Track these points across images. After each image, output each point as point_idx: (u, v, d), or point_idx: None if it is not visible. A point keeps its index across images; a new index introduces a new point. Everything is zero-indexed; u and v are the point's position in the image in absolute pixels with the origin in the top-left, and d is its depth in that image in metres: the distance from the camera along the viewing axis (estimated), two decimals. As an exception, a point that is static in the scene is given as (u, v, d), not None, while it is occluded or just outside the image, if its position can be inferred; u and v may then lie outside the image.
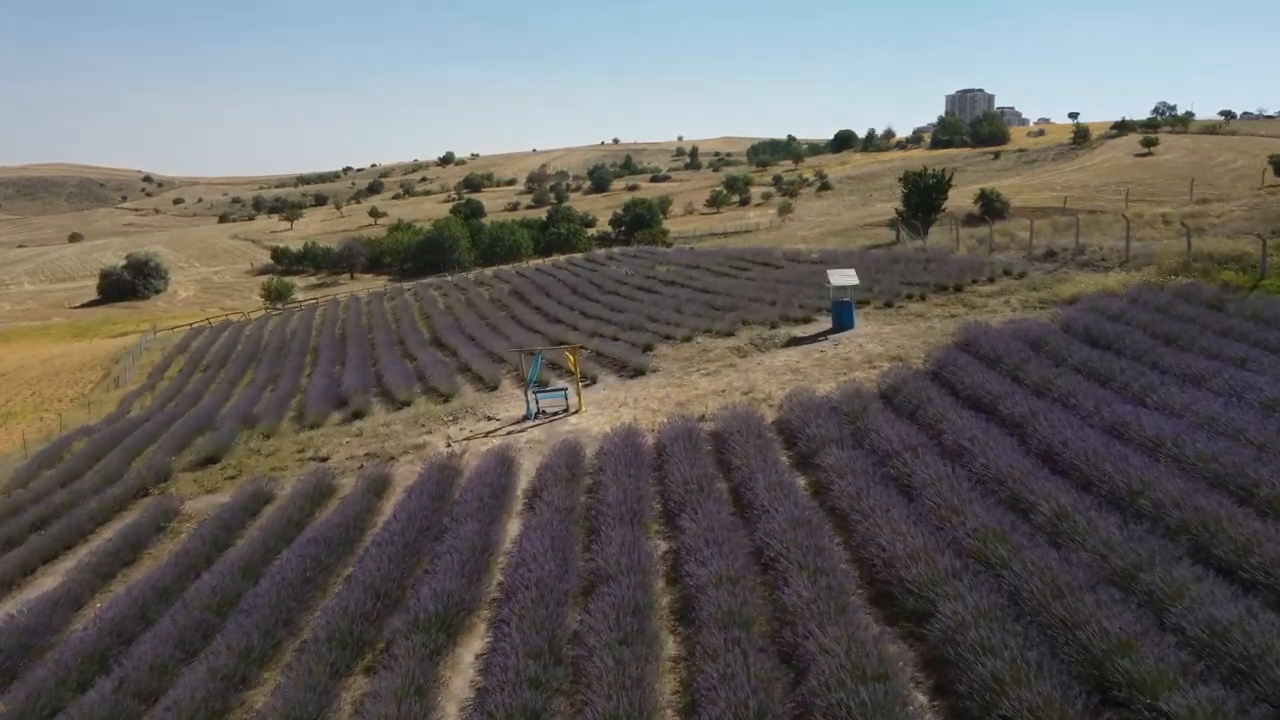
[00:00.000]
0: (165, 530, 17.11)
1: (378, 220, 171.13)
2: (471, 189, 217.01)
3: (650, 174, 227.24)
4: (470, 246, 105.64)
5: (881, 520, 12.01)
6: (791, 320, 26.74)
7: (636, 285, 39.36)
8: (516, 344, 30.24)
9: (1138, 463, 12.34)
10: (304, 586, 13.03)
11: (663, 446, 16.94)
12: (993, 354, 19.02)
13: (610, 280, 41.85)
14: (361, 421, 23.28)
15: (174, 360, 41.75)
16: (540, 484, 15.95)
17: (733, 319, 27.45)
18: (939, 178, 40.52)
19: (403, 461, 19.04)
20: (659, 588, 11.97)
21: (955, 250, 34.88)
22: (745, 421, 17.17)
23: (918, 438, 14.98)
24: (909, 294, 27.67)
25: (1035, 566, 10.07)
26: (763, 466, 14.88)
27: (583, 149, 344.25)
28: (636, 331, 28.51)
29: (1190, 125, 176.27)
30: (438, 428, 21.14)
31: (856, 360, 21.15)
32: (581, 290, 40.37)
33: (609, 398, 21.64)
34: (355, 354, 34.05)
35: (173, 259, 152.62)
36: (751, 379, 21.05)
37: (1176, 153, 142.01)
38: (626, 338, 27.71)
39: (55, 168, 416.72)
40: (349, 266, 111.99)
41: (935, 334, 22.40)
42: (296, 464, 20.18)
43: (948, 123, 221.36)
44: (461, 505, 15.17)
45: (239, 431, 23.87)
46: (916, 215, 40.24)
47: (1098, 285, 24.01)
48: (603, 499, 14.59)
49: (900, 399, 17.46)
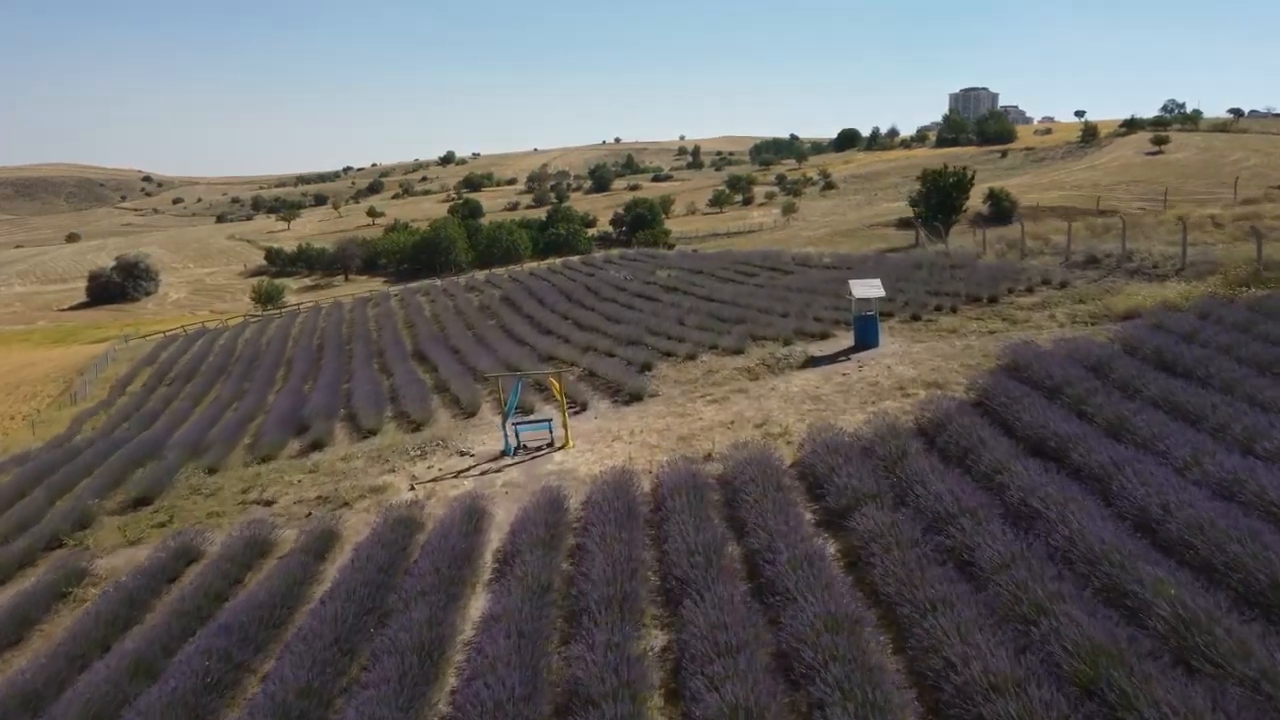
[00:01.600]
0: (68, 598, 14.31)
1: (375, 220, 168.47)
2: (471, 189, 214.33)
3: (652, 173, 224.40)
4: (468, 248, 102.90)
5: (945, 620, 9.19)
6: (807, 336, 23.91)
7: (635, 292, 36.55)
8: (503, 358, 27.46)
9: (1274, 541, 9.53)
10: (206, 696, 10.24)
11: (662, 497, 14.14)
12: (1049, 381, 16.20)
13: (608, 286, 39.03)
14: (320, 454, 20.47)
15: (139, 373, 38.93)
16: (513, 546, 13.15)
17: (741, 333, 24.62)
18: (960, 176, 37.43)
19: (357, 509, 16.23)
20: (654, 708, 9.19)
21: (982, 255, 32.02)
22: (760, 465, 14.37)
23: (975, 495, 12.15)
24: (938, 305, 24.83)
25: (1175, 711, 7.27)
26: (783, 528, 12.08)
27: (584, 148, 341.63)
28: (634, 347, 25.71)
29: (1200, 123, 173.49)
30: (403, 465, 18.33)
31: (886, 386, 18.33)
32: (576, 297, 37.56)
33: (601, 429, 18.82)
34: (329, 368, 31.25)
35: (167, 260, 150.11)
36: (765, 408, 18.22)
37: (1188, 151, 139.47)
38: (623, 354, 24.91)
39: (55, 168, 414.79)
40: (344, 268, 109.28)
41: (974, 354, 19.57)
42: (237, 509, 17.38)
43: (953, 121, 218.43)
44: (416, 576, 12.38)
45: (183, 464, 21.08)
46: (936, 216, 37.26)
47: (1155, 297, 21.18)
48: (588, 571, 11.80)
49: (945, 439, 14.63)
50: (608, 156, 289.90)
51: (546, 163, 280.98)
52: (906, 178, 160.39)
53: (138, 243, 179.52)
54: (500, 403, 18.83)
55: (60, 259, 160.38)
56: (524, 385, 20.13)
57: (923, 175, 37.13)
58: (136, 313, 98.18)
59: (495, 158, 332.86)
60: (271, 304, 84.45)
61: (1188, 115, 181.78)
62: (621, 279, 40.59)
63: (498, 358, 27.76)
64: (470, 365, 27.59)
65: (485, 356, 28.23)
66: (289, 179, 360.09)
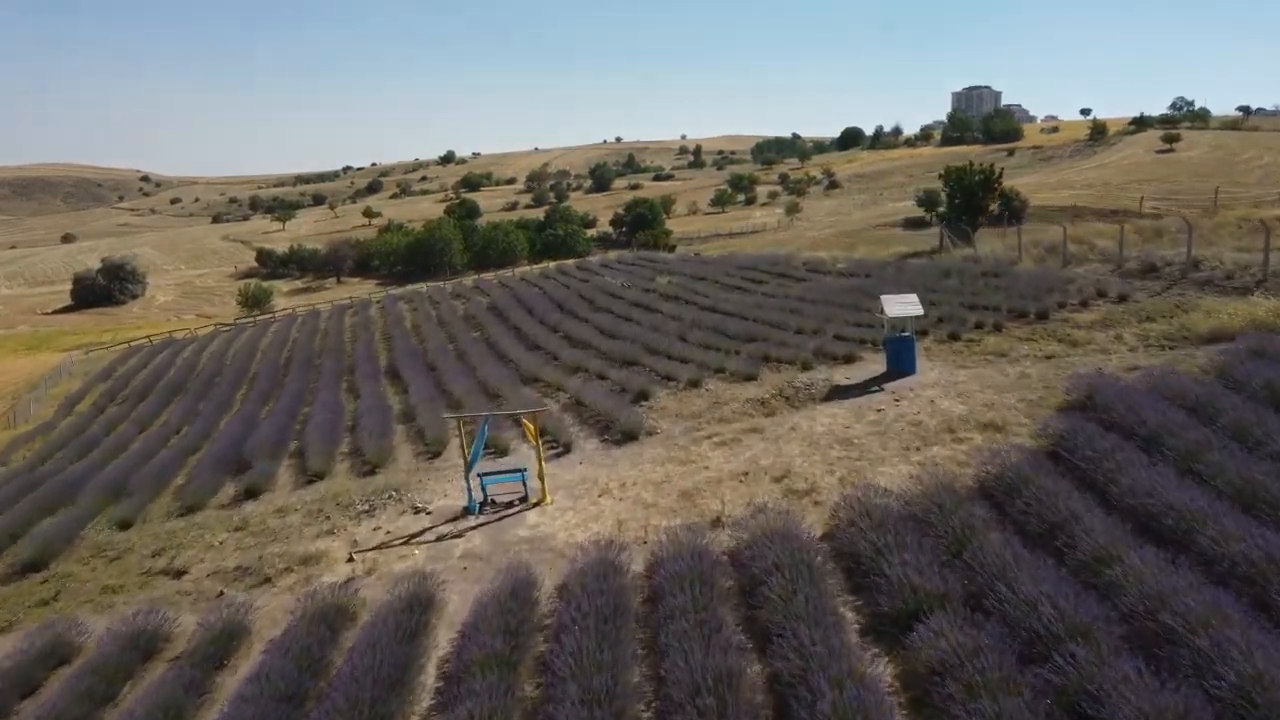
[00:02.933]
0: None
1: (372, 221, 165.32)
2: (470, 188, 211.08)
3: (653, 173, 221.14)
4: (463, 249, 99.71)
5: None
6: (829, 358, 20.62)
7: (633, 301, 33.34)
8: (482, 379, 24.28)
9: None
10: None
11: (659, 585, 10.96)
12: (1140, 427, 12.97)
13: (603, 294, 35.82)
14: (254, 503, 17.25)
15: (91, 390, 35.66)
16: (463, 660, 9.96)
17: (752, 354, 21.37)
18: (986, 174, 34.01)
19: (280, 586, 13.03)
20: None
21: (1018, 261, 28.72)
22: (784, 541, 11.17)
23: (1082, 602, 8.93)
24: (979, 322, 21.53)
25: None
26: (821, 644, 8.88)
27: (585, 147, 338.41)
28: (629, 369, 22.51)
29: (1210, 122, 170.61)
30: (345, 524, 15.10)
31: (932, 427, 15.10)
32: (569, 307, 34.34)
33: (586, 479, 15.60)
34: (291, 389, 28.04)
35: (159, 261, 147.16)
36: (785, 454, 15.00)
37: (1200, 149, 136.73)
38: (616, 377, 21.69)
39: (53, 168, 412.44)
40: (335, 270, 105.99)
41: (1034, 385, 16.34)
42: (140, 580, 14.18)
43: (958, 119, 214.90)
44: (330, 705, 9.20)
45: (97, 514, 17.89)
46: (959, 217, 33.95)
47: (1242, 316, 17.94)
48: (555, 713, 8.62)
49: (1021, 507, 11.42)
50: (609, 156, 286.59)
51: (547, 162, 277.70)
52: (912, 177, 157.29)
53: (131, 244, 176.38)
54: (467, 442, 15.60)
55: (51, 260, 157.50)
56: (487, 434, 16.88)
57: (945, 172, 33.84)
58: (121, 316, 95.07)
59: (495, 157, 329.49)
60: (259, 308, 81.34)
61: (1197, 113, 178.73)
62: (618, 286, 37.42)
63: (476, 378, 24.56)
64: (445, 388, 24.37)
65: (463, 377, 25.02)
66: (288, 179, 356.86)
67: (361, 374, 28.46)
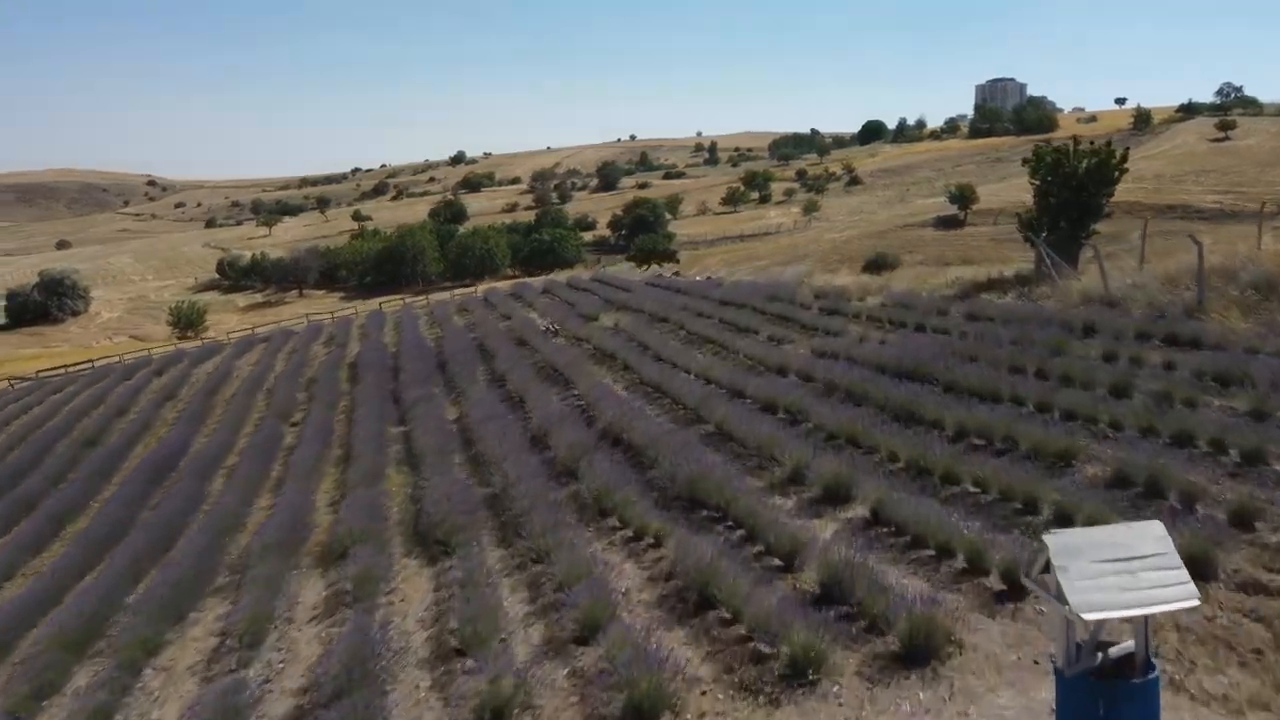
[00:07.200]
0: None
1: (362, 225, 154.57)
2: (470, 189, 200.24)
3: (664, 171, 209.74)
4: (438, 257, 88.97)
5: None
6: (858, 632, 8.75)
7: (536, 364, 21.93)
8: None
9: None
10: None
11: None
12: None
13: (510, 342, 24.50)
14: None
15: None
16: None
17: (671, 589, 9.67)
18: (1104, 156, 21.42)
19: None
20: None
21: (1203, 304, 16.20)
22: None
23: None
24: (1242, 508, 8.55)
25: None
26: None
27: (598, 146, 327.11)
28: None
29: (1265, 109, 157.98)
30: None
31: None
32: (425, 377, 22.87)
33: None
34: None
35: (129, 270, 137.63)
36: None
37: (1258, 137, 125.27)
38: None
39: (58, 172, 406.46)
40: (298, 281, 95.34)
41: None
42: None
43: (987, 110, 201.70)
44: None
45: None
46: (1059, 223, 21.69)
47: None
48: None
49: None
50: (622, 154, 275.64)
51: (558, 161, 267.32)
52: (940, 171, 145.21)
53: (118, 250, 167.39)
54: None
55: (21, 271, 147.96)
56: None
57: (1035, 155, 21.63)
58: (52, 337, 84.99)
59: (506, 157, 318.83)
60: (192, 329, 70.74)
61: (1246, 99, 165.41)
62: (545, 327, 25.97)
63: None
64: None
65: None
66: (294, 181, 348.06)
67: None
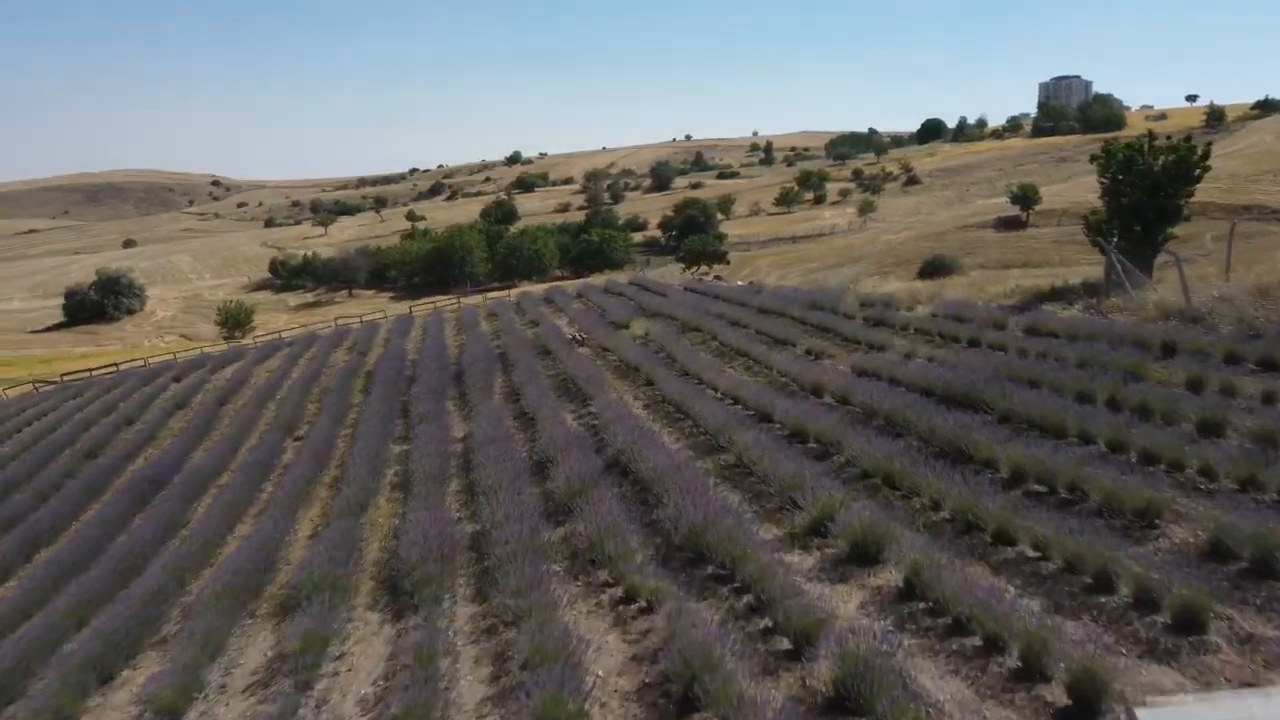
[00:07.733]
0: None
1: (416, 226, 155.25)
2: (524, 189, 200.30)
3: (717, 171, 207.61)
4: (486, 258, 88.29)
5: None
6: None
7: (557, 375, 20.57)
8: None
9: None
10: None
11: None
12: None
13: (531, 351, 23.23)
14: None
15: None
16: None
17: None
18: (1183, 152, 19.24)
19: None
20: None
21: None
22: None
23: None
24: None
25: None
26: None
27: (653, 146, 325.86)
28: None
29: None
30: None
31: None
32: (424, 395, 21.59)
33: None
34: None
35: (188, 270, 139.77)
36: None
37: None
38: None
39: (126, 173, 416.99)
40: (348, 282, 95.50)
41: None
42: None
43: (1052, 108, 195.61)
44: None
45: None
46: (1131, 226, 19.66)
47: None
48: None
49: None
50: (676, 154, 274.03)
51: (613, 162, 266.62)
52: (1001, 171, 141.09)
53: (176, 249, 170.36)
54: None
55: (84, 269, 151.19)
56: None
57: (1104, 151, 19.57)
58: (106, 336, 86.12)
59: (561, 157, 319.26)
60: (240, 329, 70.83)
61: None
62: (571, 335, 24.65)
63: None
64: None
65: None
66: (352, 181, 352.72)
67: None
